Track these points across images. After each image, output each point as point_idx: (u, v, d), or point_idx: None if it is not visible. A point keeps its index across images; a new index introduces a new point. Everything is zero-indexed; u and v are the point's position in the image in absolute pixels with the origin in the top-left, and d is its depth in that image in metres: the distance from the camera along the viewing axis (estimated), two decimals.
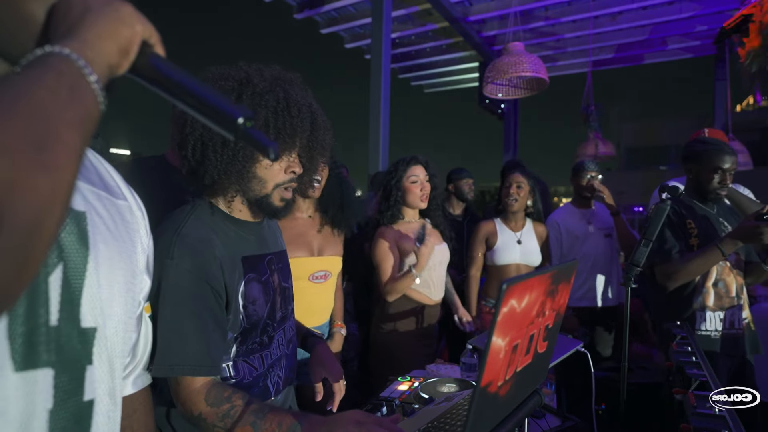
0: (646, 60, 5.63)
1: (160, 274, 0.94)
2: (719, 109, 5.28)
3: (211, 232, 1.03)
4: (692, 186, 2.11)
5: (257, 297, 1.09)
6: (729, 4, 4.24)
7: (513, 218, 2.64)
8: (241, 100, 0.99)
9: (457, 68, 6.17)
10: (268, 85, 1.02)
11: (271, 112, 1.00)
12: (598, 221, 2.95)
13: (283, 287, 1.21)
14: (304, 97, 1.06)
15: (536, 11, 4.63)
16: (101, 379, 0.63)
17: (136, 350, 0.77)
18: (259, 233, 1.16)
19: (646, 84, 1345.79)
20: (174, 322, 0.94)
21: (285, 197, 1.09)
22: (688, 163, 2.11)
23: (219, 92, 0.52)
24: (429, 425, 1.16)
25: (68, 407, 0.57)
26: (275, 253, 1.20)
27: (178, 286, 0.96)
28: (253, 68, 1.04)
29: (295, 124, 1.02)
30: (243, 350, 1.08)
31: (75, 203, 0.60)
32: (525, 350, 0.74)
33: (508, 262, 2.56)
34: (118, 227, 0.67)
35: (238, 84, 1.01)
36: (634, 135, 20.35)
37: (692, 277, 1.95)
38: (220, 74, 1.03)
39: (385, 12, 3.36)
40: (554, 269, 0.76)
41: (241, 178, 1.03)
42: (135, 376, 0.79)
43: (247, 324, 1.07)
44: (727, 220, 2.08)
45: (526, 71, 3.27)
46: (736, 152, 2.09)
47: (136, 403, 0.79)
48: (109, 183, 0.71)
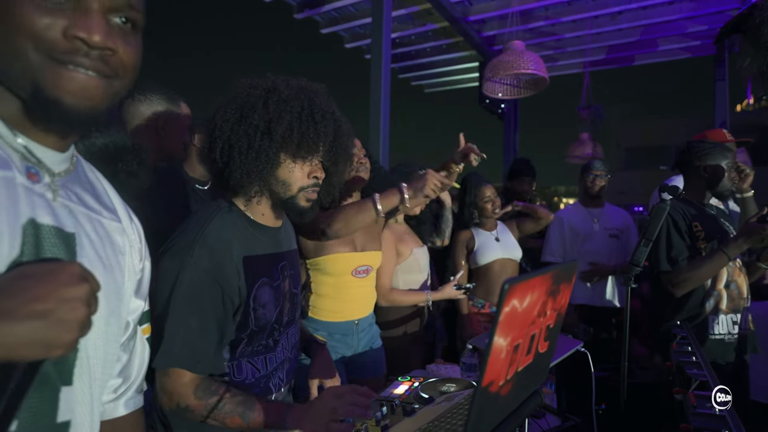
0: (646, 60, 5.62)
1: (179, 268, 0.99)
2: (719, 109, 5.27)
3: (231, 234, 1.07)
4: (695, 187, 2.09)
5: (267, 301, 1.11)
6: (729, 4, 4.23)
7: (486, 222, 2.73)
8: (267, 106, 1.04)
9: (457, 68, 6.15)
10: (293, 93, 1.06)
11: (295, 118, 1.04)
12: (605, 221, 2.96)
13: (292, 293, 1.24)
14: (327, 105, 1.10)
15: (536, 11, 4.62)
16: (81, 401, 0.62)
17: (128, 372, 0.76)
18: (276, 237, 1.20)
19: (646, 84, 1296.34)
20: (180, 317, 0.98)
21: (311, 198, 1.13)
22: (696, 163, 2.08)
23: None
24: (429, 425, 1.16)
25: (37, 428, 0.56)
26: (288, 258, 1.23)
27: (192, 284, 0.99)
28: (280, 79, 1.10)
29: (318, 129, 1.06)
30: (248, 351, 1.10)
31: (65, 224, 0.60)
32: (526, 350, 0.74)
33: (491, 260, 2.60)
34: (106, 251, 0.67)
35: (264, 92, 1.06)
36: (634, 135, 20.34)
37: (700, 283, 1.92)
38: (249, 84, 1.08)
39: (385, 12, 3.36)
40: (555, 269, 0.76)
41: (263, 180, 1.07)
42: (127, 398, 0.77)
43: (255, 326, 1.09)
44: (727, 221, 2.08)
45: (526, 69, 3.27)
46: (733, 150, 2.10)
47: (127, 425, 0.78)
48: (104, 203, 0.70)
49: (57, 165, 0.62)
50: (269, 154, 1.05)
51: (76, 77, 0.56)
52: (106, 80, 0.58)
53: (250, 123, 1.04)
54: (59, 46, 0.54)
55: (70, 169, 0.65)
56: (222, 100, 1.09)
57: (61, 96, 0.55)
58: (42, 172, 0.60)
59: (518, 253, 2.72)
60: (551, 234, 2.99)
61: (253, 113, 1.04)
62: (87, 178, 0.70)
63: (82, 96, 0.56)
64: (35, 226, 0.57)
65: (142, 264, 0.76)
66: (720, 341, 1.91)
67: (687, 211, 2.01)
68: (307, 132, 1.05)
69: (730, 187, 2.04)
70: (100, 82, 0.58)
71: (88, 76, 0.56)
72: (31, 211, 0.57)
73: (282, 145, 1.05)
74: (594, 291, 2.90)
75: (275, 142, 1.04)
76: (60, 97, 0.55)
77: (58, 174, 0.62)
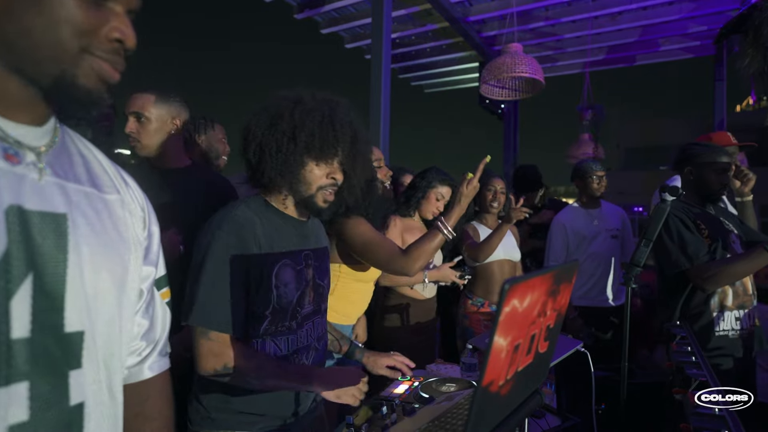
0: (646, 60, 5.63)
1: (210, 240, 1.14)
2: (718, 109, 5.28)
3: (256, 217, 1.21)
4: (691, 187, 2.09)
5: (289, 281, 1.23)
6: (729, 4, 4.24)
7: (489, 219, 2.75)
8: (293, 115, 1.20)
9: (457, 68, 6.16)
10: (316, 104, 1.23)
11: (317, 125, 1.19)
12: (605, 222, 2.95)
13: (317, 284, 1.34)
14: (347, 115, 1.26)
15: (536, 11, 4.63)
16: (93, 380, 0.62)
17: (151, 335, 0.78)
18: (302, 230, 1.32)
19: (646, 84, 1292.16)
20: (214, 284, 1.11)
21: (328, 199, 1.26)
22: (686, 165, 2.10)
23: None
24: (429, 425, 1.17)
25: (50, 416, 0.57)
26: (314, 250, 1.34)
27: (220, 256, 1.12)
28: (308, 92, 1.26)
29: (337, 136, 1.21)
30: (272, 330, 1.21)
31: (55, 205, 0.59)
32: (526, 350, 0.74)
33: (492, 259, 2.60)
34: (105, 225, 0.66)
35: (293, 103, 1.22)
36: (634, 135, 20.34)
37: (734, 280, 1.88)
38: (282, 96, 1.25)
39: (385, 12, 3.36)
40: (556, 269, 0.76)
41: (292, 179, 1.21)
42: (151, 361, 0.78)
43: (277, 304, 1.20)
44: (728, 219, 2.08)
45: (521, 72, 3.28)
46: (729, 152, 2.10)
47: (151, 389, 0.78)
48: (99, 177, 0.69)
49: (36, 140, 0.60)
50: (295, 157, 1.19)
51: (103, 67, 0.60)
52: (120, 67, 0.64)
53: (279, 129, 1.19)
54: (102, 44, 0.59)
55: (53, 143, 0.62)
56: (256, 108, 1.25)
57: (87, 83, 0.59)
58: (22, 152, 0.58)
59: (517, 254, 2.72)
60: (553, 239, 2.97)
61: (282, 121, 1.20)
62: (77, 150, 0.68)
63: (102, 82, 0.61)
64: (21, 212, 0.55)
65: (147, 231, 0.75)
66: (724, 337, 1.90)
67: (689, 210, 2.00)
68: (327, 138, 1.19)
69: (718, 190, 2.03)
70: (116, 70, 0.62)
71: (110, 67, 0.61)
72: (13, 197, 0.55)
73: (305, 149, 1.19)
74: (593, 291, 2.90)
75: (300, 147, 1.19)
76: (86, 84, 0.59)
77: (41, 150, 0.60)
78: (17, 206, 0.55)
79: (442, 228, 1.65)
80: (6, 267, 0.53)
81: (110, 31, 0.59)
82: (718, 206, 2.15)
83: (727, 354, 1.88)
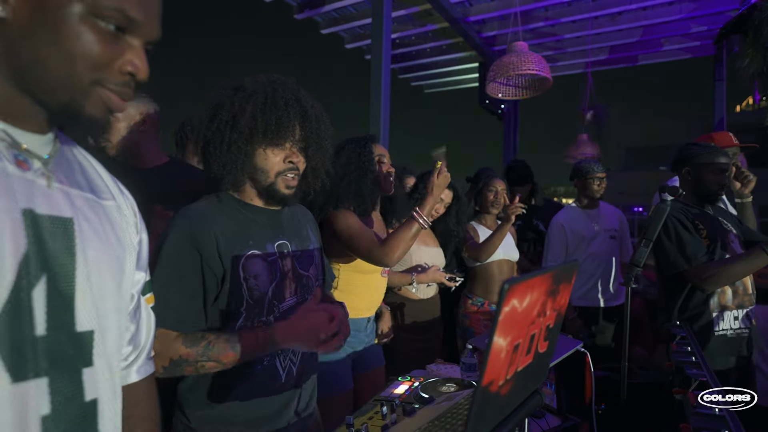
0: (646, 60, 5.63)
1: (162, 240, 1.09)
2: (717, 109, 5.28)
3: (217, 211, 1.15)
4: (690, 188, 2.09)
5: (260, 273, 1.16)
6: (729, 5, 4.23)
7: (488, 219, 2.77)
8: (233, 102, 1.14)
9: (457, 68, 6.15)
10: (258, 87, 1.15)
11: (258, 108, 1.12)
12: (604, 222, 2.95)
13: (299, 274, 1.26)
14: (292, 93, 1.17)
15: (536, 12, 4.62)
16: (103, 378, 0.65)
17: (137, 339, 0.79)
18: (275, 220, 1.25)
19: (646, 84, 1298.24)
20: (164, 281, 1.05)
21: (290, 185, 1.20)
22: (684, 166, 2.09)
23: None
24: (429, 425, 1.17)
25: (70, 410, 0.60)
26: (291, 239, 1.27)
27: (170, 254, 1.08)
28: (252, 77, 1.19)
29: (281, 116, 1.13)
30: (248, 326, 1.14)
31: (62, 210, 0.61)
32: (526, 350, 0.74)
33: (492, 260, 2.61)
34: (105, 229, 0.68)
35: (233, 90, 1.16)
36: (634, 135, 20.33)
37: (733, 280, 1.88)
38: (221, 85, 1.19)
39: (385, 12, 3.36)
40: (555, 269, 0.76)
41: (240, 168, 1.14)
42: (138, 365, 0.80)
43: (250, 299, 1.13)
44: (727, 219, 2.08)
45: (530, 70, 3.26)
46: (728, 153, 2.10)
47: (140, 392, 0.80)
48: (96, 183, 0.71)
49: (41, 148, 0.62)
50: (239, 146, 1.13)
51: (112, 98, 0.62)
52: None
53: (220, 119, 1.13)
54: (114, 78, 0.60)
55: (54, 151, 0.65)
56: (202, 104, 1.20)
57: (94, 112, 0.61)
58: (31, 159, 0.60)
59: (516, 254, 2.74)
60: (552, 240, 2.97)
61: (222, 110, 1.14)
62: (75, 158, 0.70)
63: (108, 111, 0.62)
64: (33, 216, 0.57)
65: (139, 237, 0.78)
66: (722, 336, 1.90)
67: (688, 211, 2.00)
68: (270, 120, 1.12)
69: (717, 190, 2.03)
70: (124, 101, 0.64)
71: (119, 98, 0.62)
72: (26, 201, 0.57)
73: (250, 135, 1.13)
74: (593, 292, 2.90)
75: (243, 134, 1.13)
76: (93, 113, 0.61)
77: (47, 158, 0.62)
78: (30, 210, 0.57)
79: (418, 218, 1.65)
80: (26, 267, 0.56)
81: (124, 64, 0.60)
82: (717, 206, 2.15)
83: (726, 354, 1.89)
